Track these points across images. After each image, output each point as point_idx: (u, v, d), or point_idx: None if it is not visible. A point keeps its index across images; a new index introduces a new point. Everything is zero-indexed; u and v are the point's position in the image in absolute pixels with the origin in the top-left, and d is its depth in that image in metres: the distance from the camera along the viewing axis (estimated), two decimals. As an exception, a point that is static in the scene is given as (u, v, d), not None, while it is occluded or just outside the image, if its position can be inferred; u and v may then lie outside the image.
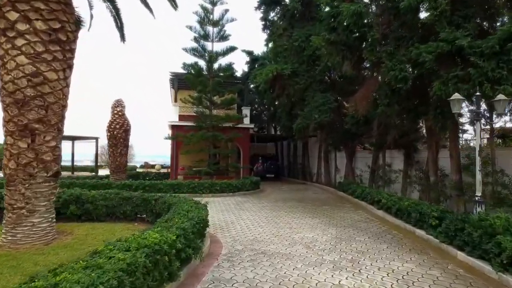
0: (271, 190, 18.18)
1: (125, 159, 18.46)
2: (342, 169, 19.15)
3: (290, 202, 13.47)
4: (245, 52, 25.07)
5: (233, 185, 16.01)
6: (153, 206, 8.45)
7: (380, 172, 14.88)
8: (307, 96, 15.38)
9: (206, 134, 16.98)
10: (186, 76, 18.09)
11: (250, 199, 14.46)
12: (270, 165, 25.26)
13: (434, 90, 7.61)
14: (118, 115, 18.35)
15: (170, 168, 20.79)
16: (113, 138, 18.07)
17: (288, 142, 27.43)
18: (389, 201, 9.81)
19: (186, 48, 18.37)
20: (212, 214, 10.76)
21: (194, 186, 15.43)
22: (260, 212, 11.14)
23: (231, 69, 18.56)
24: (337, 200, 14.29)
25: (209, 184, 15.60)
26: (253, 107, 29.49)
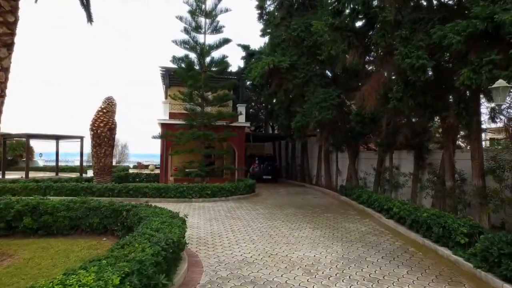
0: (267, 194, 16.83)
1: (110, 160, 17.07)
2: (344, 171, 17.82)
3: (288, 209, 12.12)
4: (240, 46, 23.70)
5: (226, 189, 14.65)
6: (125, 218, 7.09)
7: (386, 175, 13.55)
8: (307, 91, 14.03)
9: (196, 133, 15.62)
10: (175, 71, 16.75)
11: (244, 205, 13.11)
12: (267, 166, 23.89)
13: (462, 80, 6.27)
14: (102, 112, 16.95)
15: (160, 170, 19.41)
16: (96, 137, 16.67)
17: (286, 142, 26.08)
18: (403, 211, 8.47)
19: (176, 41, 17.01)
20: (199, 224, 9.40)
21: (182, 190, 14.06)
22: (254, 222, 9.78)
23: (225, 63, 17.22)
24: (340, 206, 12.94)
25: (199, 187, 14.24)
26: (250, 105, 28.11)
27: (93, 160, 17.04)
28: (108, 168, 16.99)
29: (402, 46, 7.78)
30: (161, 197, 14.02)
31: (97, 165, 16.77)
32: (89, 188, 14.30)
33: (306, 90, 14.23)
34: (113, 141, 17.15)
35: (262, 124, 30.75)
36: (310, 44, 13.71)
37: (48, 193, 14.44)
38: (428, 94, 8.28)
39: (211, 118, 16.40)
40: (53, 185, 14.47)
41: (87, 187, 14.32)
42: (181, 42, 17.05)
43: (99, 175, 16.80)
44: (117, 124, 31.03)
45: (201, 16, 17.02)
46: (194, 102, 16.69)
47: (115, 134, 17.30)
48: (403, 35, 7.86)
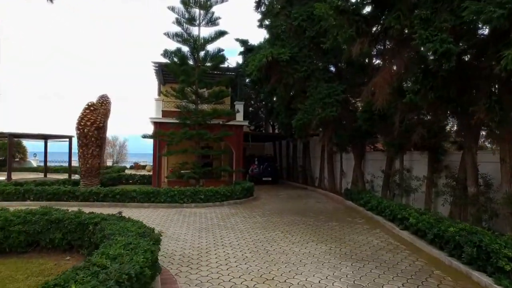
0: (266, 197, 15.63)
1: (98, 161, 15.90)
2: (349, 173, 16.61)
3: (289, 216, 10.92)
4: (239, 41, 22.44)
5: (221, 193, 13.45)
6: (91, 233, 5.90)
7: (396, 178, 12.33)
8: (309, 86, 12.82)
9: (189, 132, 14.43)
10: (167, 65, 15.56)
11: (240, 211, 11.92)
12: (267, 167, 22.68)
13: (503, 64, 5.06)
14: (89, 110, 15.77)
15: (153, 172, 18.24)
16: (83, 137, 15.52)
17: (287, 141, 24.86)
18: (421, 222, 7.25)
19: (168, 33, 15.81)
20: (186, 236, 8.21)
21: (173, 194, 12.88)
22: (249, 233, 8.58)
23: (221, 56, 16.01)
24: (345, 212, 11.73)
25: (192, 192, 13.05)
26: (249, 103, 26.92)
27: (80, 161, 15.89)
28: (96, 170, 15.83)
29: (422, 29, 6.57)
30: (150, 202, 12.85)
31: (84, 167, 15.62)
32: (72, 192, 13.14)
33: (308, 85, 13.02)
34: (101, 141, 15.99)
35: (262, 123, 29.56)
36: (312, 34, 12.49)
37: (28, 197, 13.31)
38: (452, 86, 7.06)
39: (205, 116, 15.20)
40: (33, 189, 13.32)
41: (70, 191, 13.16)
42: (174, 35, 15.85)
43: (86, 177, 15.65)
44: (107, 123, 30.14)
45: (195, 7, 15.81)
46: (187, 99, 15.50)
47: (103, 134, 16.16)
48: (423, 15, 6.64)
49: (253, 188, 15.45)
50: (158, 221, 9.98)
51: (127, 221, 6.02)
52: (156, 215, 11.01)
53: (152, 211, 11.77)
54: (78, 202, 13.00)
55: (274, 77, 13.39)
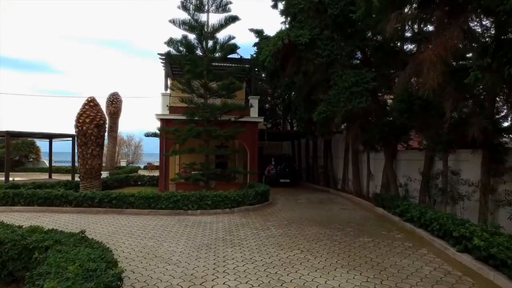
0: (284, 202, 13.82)
1: (98, 161, 14.51)
2: (377, 175, 14.58)
3: (310, 227, 9.09)
4: (253, 31, 20.69)
5: (231, 198, 11.75)
6: (37, 263, 4.29)
7: (439, 181, 10.28)
8: (332, 74, 10.93)
9: (195, 129, 12.81)
10: (171, 55, 14.00)
11: (251, 220, 10.18)
12: (284, 168, 20.83)
13: None
14: (89, 106, 14.38)
15: (159, 174, 16.75)
16: (82, 135, 14.17)
17: (306, 140, 22.95)
18: (498, 249, 5.25)
19: (174, 20, 14.26)
20: (181, 256, 6.52)
21: (176, 199, 11.28)
22: (260, 252, 6.83)
23: (232, 45, 14.33)
24: (377, 223, 9.79)
25: (198, 196, 11.40)
26: (265, 99, 25.18)
27: (79, 161, 14.56)
28: (96, 171, 14.44)
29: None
30: (151, 208, 11.31)
31: (83, 168, 14.27)
32: (65, 197, 11.76)
33: (331, 73, 11.13)
34: (101, 140, 14.59)
35: (279, 121, 27.74)
36: (335, 13, 10.60)
37: (17, 202, 12.02)
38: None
39: (214, 111, 13.55)
40: (24, 193, 12.02)
41: (63, 195, 11.78)
42: (181, 22, 14.29)
43: (85, 179, 14.29)
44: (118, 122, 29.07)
45: (203, -10, 14.22)
46: (194, 92, 13.89)
47: (104, 132, 14.75)
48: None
49: (269, 192, 13.67)
50: (153, 233, 8.37)
51: (88, 245, 4.37)
52: (154, 225, 9.42)
53: (150, 219, 10.21)
54: (71, 208, 11.63)
55: (292, 64, 11.56)
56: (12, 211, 11.68)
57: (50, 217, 10.64)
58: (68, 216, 10.70)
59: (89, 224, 9.47)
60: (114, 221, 9.94)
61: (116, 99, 28.22)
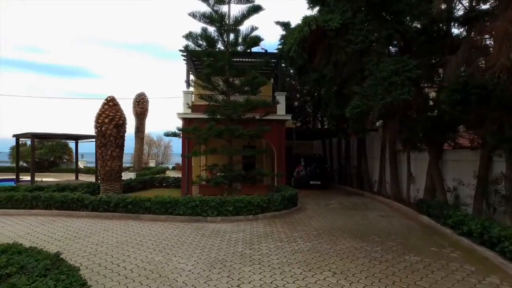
0: (314, 208, 12.57)
1: (118, 163, 13.95)
2: (419, 177, 12.97)
3: (343, 241, 7.83)
4: (279, 24, 19.51)
5: (254, 204, 10.67)
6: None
7: (500, 187, 8.63)
8: (368, 63, 9.56)
9: (215, 128, 11.86)
10: (191, 50, 13.14)
11: (276, 229, 9.05)
12: (315, 169, 19.47)
13: None
14: (108, 106, 13.86)
15: (182, 176, 15.99)
16: (101, 135, 13.68)
17: (338, 138, 21.45)
18: None
19: (194, 13, 13.38)
20: (189, 277, 5.50)
21: (195, 205, 10.36)
22: (283, 273, 5.68)
23: (255, 37, 13.25)
24: (425, 235, 8.33)
25: (218, 202, 10.43)
26: (294, 96, 23.87)
27: (99, 163, 14.10)
28: (116, 173, 13.89)
29: None
30: (168, 214, 10.48)
31: (103, 170, 13.77)
32: (81, 201, 11.21)
33: (365, 62, 9.75)
34: (121, 141, 14.02)
35: (309, 118, 26.33)
36: (372, -8, 9.26)
37: (36, 205, 11.64)
38: None
39: (236, 108, 12.52)
40: (41, 196, 11.61)
41: (78, 198, 11.24)
42: (201, 15, 13.40)
43: (105, 181, 13.79)
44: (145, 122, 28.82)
45: (224, -20, 13.25)
46: (215, 88, 12.95)
47: (123, 132, 14.17)
48: None
49: (297, 196, 12.46)
50: (165, 245, 7.47)
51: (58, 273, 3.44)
52: (168, 234, 8.54)
53: (166, 227, 9.35)
54: (87, 212, 11.06)
55: (320, 54, 10.29)
56: (30, 215, 11.31)
57: (64, 222, 10.09)
58: (82, 222, 10.09)
59: (99, 232, 8.75)
60: (127, 228, 9.18)
61: (143, 100, 28.07)
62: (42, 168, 31.86)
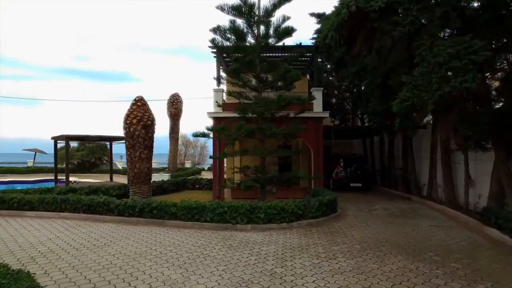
0: (355, 214, 11.28)
1: (147, 165, 13.48)
2: (479, 181, 11.22)
3: (393, 259, 6.55)
4: (314, 15, 18.25)
5: (288, 210, 9.61)
6: None
7: None
8: (419, 48, 8.15)
9: (245, 127, 10.94)
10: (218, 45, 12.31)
11: (313, 241, 7.93)
12: (355, 170, 18.00)
13: None
14: (136, 106, 13.45)
15: (213, 178, 15.23)
16: (129, 137, 13.29)
17: (380, 137, 19.77)
18: None
19: (221, 6, 12.54)
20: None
21: (223, 211, 9.49)
22: (320, 304, 4.62)
23: (287, 27, 12.15)
24: (497, 254, 6.82)
25: (248, 208, 9.48)
26: (331, 93, 22.46)
27: (128, 165, 13.72)
28: (145, 176, 13.44)
29: None
30: (194, 220, 9.71)
31: (132, 172, 13.37)
32: (106, 204, 10.78)
33: (415, 47, 8.34)
34: (149, 142, 13.55)
35: (348, 116, 24.75)
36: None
37: (65, 208, 11.42)
38: None
39: (269, 104, 11.52)
40: (70, 199, 11.37)
41: (104, 202, 10.82)
42: (229, 8, 12.54)
43: (134, 184, 13.39)
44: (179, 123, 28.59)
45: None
46: (246, 84, 12.03)
47: (152, 133, 13.69)
48: None
49: (336, 201, 11.23)
50: (186, 258, 6.65)
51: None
52: (192, 244, 7.74)
53: (191, 235, 8.58)
54: (113, 216, 10.60)
55: (361, 40, 9.01)
56: (60, 218, 11.11)
57: (88, 227, 9.66)
58: (106, 227, 9.60)
59: (120, 239, 8.14)
60: (149, 236, 8.51)
61: (177, 100, 27.87)
62: (84, 169, 32.93)
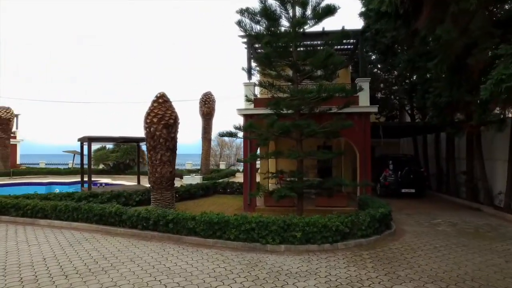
0: (415, 231, 9.01)
1: (169, 169, 12.06)
2: None
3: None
4: None
5: (332, 228, 7.61)
6: None
7: None
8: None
9: (278, 124, 9.06)
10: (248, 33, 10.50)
11: (366, 275, 5.91)
12: (407, 173, 15.48)
13: None
14: (157, 103, 12.09)
15: (244, 184, 13.48)
16: (150, 137, 11.95)
17: (435, 135, 17.08)
18: None
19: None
20: None
21: (250, 228, 7.70)
22: None
23: (329, 6, 10.13)
24: None
25: (280, 225, 7.60)
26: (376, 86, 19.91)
27: (148, 169, 12.37)
28: (167, 181, 12.03)
29: None
30: (216, 238, 8.03)
31: (153, 176, 12.02)
32: (118, 215, 9.40)
33: None
34: (172, 143, 12.12)
35: (395, 112, 22.06)
36: None
37: (77, 217, 10.23)
38: None
39: (306, 96, 9.55)
40: (82, 208, 10.15)
41: (116, 213, 9.45)
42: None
43: (155, 189, 12.04)
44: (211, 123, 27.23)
45: None
46: (278, 74, 10.16)
47: (175, 133, 12.26)
48: None
49: (390, 215, 9.04)
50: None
51: None
52: (208, 272, 6.04)
53: (209, 259, 6.88)
54: (125, 229, 9.20)
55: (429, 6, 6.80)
56: (71, 228, 9.97)
57: (96, 242, 8.31)
58: (115, 243, 8.20)
59: (123, 263, 6.63)
60: (160, 258, 6.93)
61: (209, 99, 26.57)
62: (118, 171, 32.71)
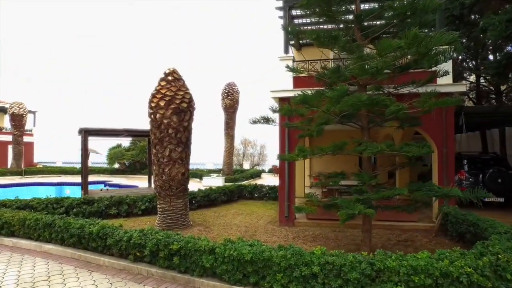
0: None
1: (181, 169, 8.90)
2: None
3: None
4: None
5: (461, 280, 4.17)
6: None
7: None
8: None
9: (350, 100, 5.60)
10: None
11: None
12: (494, 176, 11.60)
13: None
14: (165, 82, 8.95)
15: (280, 189, 10.15)
16: (155, 127, 8.85)
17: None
18: None
19: None
20: None
21: (311, 273, 4.38)
22: None
23: None
24: None
25: (364, 269, 4.25)
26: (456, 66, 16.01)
27: (154, 169, 9.27)
28: (178, 185, 8.89)
29: None
30: (249, 286, 4.77)
31: (159, 179, 8.90)
32: (102, 238, 6.31)
33: None
34: (185, 135, 8.96)
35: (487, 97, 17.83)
36: None
37: (49, 237, 7.27)
38: None
39: (381, 66, 6.02)
40: (56, 224, 7.15)
41: (99, 235, 6.35)
42: None
43: (162, 196, 8.93)
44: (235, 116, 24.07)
45: None
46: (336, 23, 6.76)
47: (189, 121, 9.07)
48: None
49: None
50: None
51: None
52: None
53: None
54: (110, 259, 6.10)
55: None
56: (41, 252, 7.12)
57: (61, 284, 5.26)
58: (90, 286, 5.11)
59: None
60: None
61: (232, 90, 23.48)
62: (134, 171, 30.17)
